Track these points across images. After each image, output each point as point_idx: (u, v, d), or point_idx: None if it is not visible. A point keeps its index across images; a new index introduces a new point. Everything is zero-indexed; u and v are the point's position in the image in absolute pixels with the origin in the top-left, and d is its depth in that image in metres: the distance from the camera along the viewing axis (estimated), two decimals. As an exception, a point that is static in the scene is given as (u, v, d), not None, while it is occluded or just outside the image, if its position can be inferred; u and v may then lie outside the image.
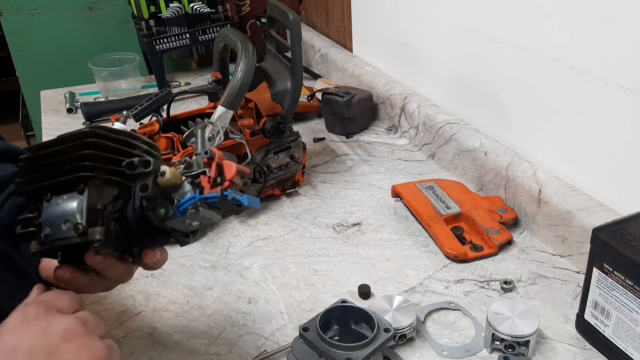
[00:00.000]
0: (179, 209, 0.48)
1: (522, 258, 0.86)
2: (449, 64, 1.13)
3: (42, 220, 0.50)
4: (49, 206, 0.50)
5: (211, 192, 0.48)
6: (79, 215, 0.49)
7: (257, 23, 1.68)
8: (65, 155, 0.49)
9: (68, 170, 0.49)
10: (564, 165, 0.89)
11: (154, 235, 0.51)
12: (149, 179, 0.47)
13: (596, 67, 0.79)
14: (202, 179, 0.48)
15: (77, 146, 0.49)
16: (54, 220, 0.49)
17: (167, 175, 0.48)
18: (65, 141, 0.50)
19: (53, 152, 0.50)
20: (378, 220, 0.97)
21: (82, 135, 0.49)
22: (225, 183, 0.48)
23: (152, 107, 0.96)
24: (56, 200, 0.50)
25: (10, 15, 1.89)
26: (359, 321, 0.69)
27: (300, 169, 1.04)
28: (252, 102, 0.99)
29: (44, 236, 0.49)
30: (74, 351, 0.44)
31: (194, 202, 0.48)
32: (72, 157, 0.49)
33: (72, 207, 0.49)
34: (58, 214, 0.49)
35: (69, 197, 0.49)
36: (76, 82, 1.66)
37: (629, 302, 0.62)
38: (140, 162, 0.47)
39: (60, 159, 0.49)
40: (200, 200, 0.48)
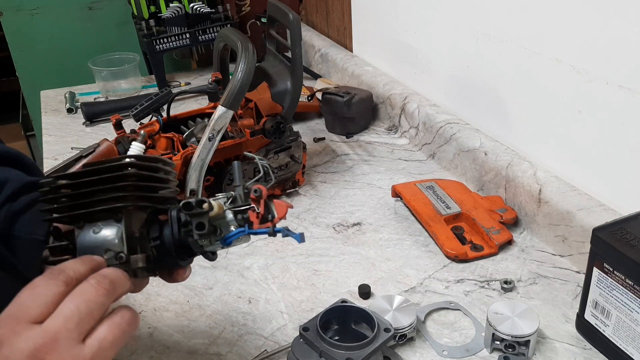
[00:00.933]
0: (225, 240, 0.52)
1: (522, 258, 0.86)
2: (449, 64, 1.13)
3: (78, 248, 0.50)
4: (84, 234, 0.50)
5: (261, 227, 0.52)
6: (119, 242, 0.49)
7: (257, 23, 1.68)
8: (103, 185, 0.50)
9: (106, 200, 0.50)
10: (564, 165, 0.89)
11: (185, 257, 0.54)
12: (205, 217, 0.50)
13: (596, 67, 0.79)
14: (251, 214, 0.52)
15: (116, 178, 0.50)
16: (93, 250, 0.49)
17: (215, 210, 0.51)
18: (102, 172, 0.50)
19: (89, 182, 0.50)
20: (378, 220, 0.97)
21: (121, 167, 0.50)
22: (276, 219, 0.52)
23: (152, 107, 0.95)
24: (92, 228, 0.50)
25: (10, 15, 1.89)
26: (359, 321, 0.69)
27: (300, 169, 1.04)
28: (252, 102, 0.99)
29: None
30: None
31: (243, 234, 0.52)
32: (111, 188, 0.50)
33: (112, 235, 0.50)
34: (99, 242, 0.50)
35: (105, 225, 0.50)
36: (76, 82, 1.66)
37: (629, 302, 0.62)
38: (197, 202, 0.50)
39: (98, 189, 0.50)
40: (250, 234, 0.52)
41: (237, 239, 0.52)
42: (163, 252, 0.51)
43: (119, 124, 0.93)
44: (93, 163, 0.51)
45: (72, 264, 0.46)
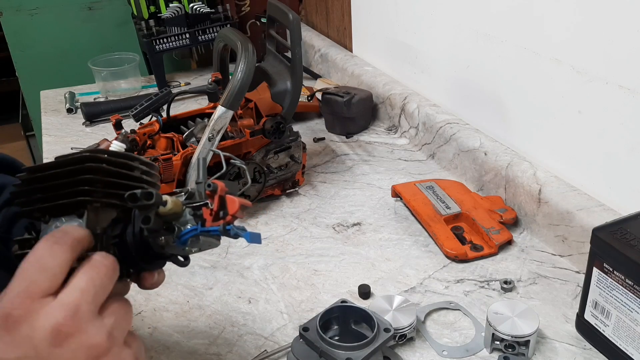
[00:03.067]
0: (180, 239, 0.48)
1: (522, 258, 0.86)
2: (449, 64, 1.13)
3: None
4: (47, 229, 0.49)
5: (213, 225, 0.48)
6: None
7: (257, 23, 1.68)
8: (64, 179, 0.49)
9: (67, 194, 0.48)
10: (564, 165, 0.89)
11: (152, 260, 0.51)
12: (152, 211, 0.47)
13: (596, 67, 0.79)
14: (204, 211, 0.49)
15: (77, 170, 0.48)
16: None
17: (168, 205, 0.48)
18: (64, 165, 0.49)
19: (52, 175, 0.49)
20: (378, 220, 0.97)
21: (82, 160, 0.49)
22: (227, 217, 0.49)
23: (152, 107, 0.96)
24: (54, 222, 0.49)
25: (10, 15, 1.89)
26: (359, 321, 0.69)
27: (300, 169, 1.04)
28: (252, 102, 0.99)
29: None
30: (68, 355, 0.39)
31: (195, 233, 0.48)
32: (71, 182, 0.48)
33: None
34: None
35: (67, 220, 0.49)
36: (76, 82, 1.66)
37: (629, 302, 0.62)
38: (143, 194, 0.47)
39: (59, 183, 0.49)
40: (202, 232, 0.48)
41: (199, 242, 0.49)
42: (125, 252, 0.49)
43: (119, 124, 0.93)
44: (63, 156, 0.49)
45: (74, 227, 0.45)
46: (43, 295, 0.40)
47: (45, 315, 0.39)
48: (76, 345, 0.39)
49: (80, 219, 0.48)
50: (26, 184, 0.50)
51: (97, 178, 0.48)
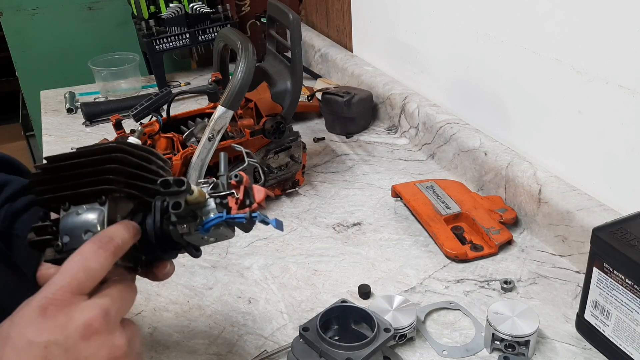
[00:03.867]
0: (203, 227, 0.50)
1: (522, 258, 0.86)
2: (449, 64, 1.13)
3: (60, 229, 0.50)
4: (68, 216, 0.50)
5: (239, 212, 0.50)
6: (99, 225, 0.50)
7: (257, 23, 1.68)
8: (89, 168, 0.50)
9: (92, 183, 0.50)
10: (564, 165, 0.89)
11: (169, 249, 0.53)
12: (182, 197, 0.49)
13: (596, 67, 0.79)
14: (230, 200, 0.51)
15: (103, 160, 0.50)
16: (73, 230, 0.50)
17: (195, 194, 0.50)
18: (90, 154, 0.51)
19: (76, 163, 0.51)
20: (378, 220, 0.97)
21: (109, 150, 0.51)
22: (254, 205, 0.51)
23: (152, 107, 0.96)
24: (75, 210, 0.50)
25: (10, 15, 1.89)
26: (359, 321, 0.69)
27: (300, 169, 1.04)
28: (252, 102, 0.99)
29: (61, 244, 0.50)
30: (93, 349, 0.43)
31: (220, 220, 0.50)
32: (97, 171, 0.50)
33: (94, 218, 0.50)
34: (79, 223, 0.50)
35: (89, 208, 0.50)
36: (76, 82, 1.66)
37: (629, 302, 0.62)
38: (175, 181, 0.49)
39: (84, 171, 0.50)
40: (227, 220, 0.50)
41: (219, 231, 0.51)
42: (144, 241, 0.51)
43: (119, 124, 0.93)
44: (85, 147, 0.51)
45: (117, 229, 0.48)
46: (81, 292, 0.44)
47: (81, 310, 0.43)
48: (102, 342, 0.43)
49: (102, 207, 0.50)
50: (47, 172, 0.51)
51: (121, 168, 0.50)
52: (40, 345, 0.41)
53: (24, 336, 0.41)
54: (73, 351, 0.42)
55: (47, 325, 0.42)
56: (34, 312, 0.42)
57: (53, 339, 0.41)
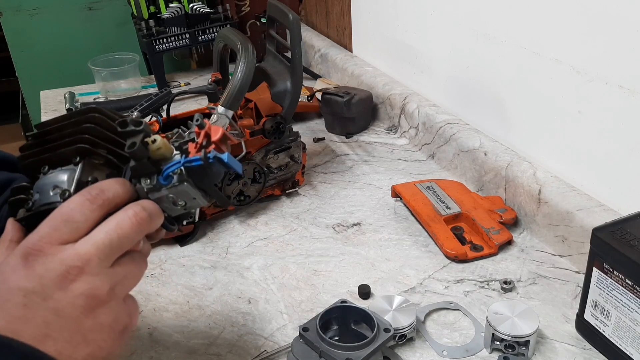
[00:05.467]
0: (162, 175, 0.48)
1: (522, 258, 0.86)
2: (448, 64, 1.13)
3: (34, 188, 0.51)
4: (43, 177, 0.51)
5: (196, 155, 0.48)
6: (68, 183, 0.49)
7: (257, 23, 1.68)
8: (68, 130, 0.51)
9: (68, 143, 0.50)
10: (564, 165, 0.89)
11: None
12: (138, 137, 0.47)
13: (596, 67, 0.79)
14: (190, 146, 0.49)
15: (81, 121, 0.50)
16: (43, 187, 0.50)
17: (157, 143, 0.48)
18: (70, 117, 0.51)
19: (58, 127, 0.51)
20: (378, 220, 0.97)
21: (85, 111, 0.51)
22: (210, 146, 0.48)
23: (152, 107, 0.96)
24: (52, 171, 0.50)
25: (10, 15, 1.89)
26: (359, 321, 0.69)
27: (300, 169, 1.04)
28: (252, 102, 0.99)
29: (31, 203, 0.50)
30: (69, 298, 0.43)
31: (178, 166, 0.48)
32: (75, 131, 0.50)
33: (65, 176, 0.50)
34: (49, 181, 0.50)
35: (64, 169, 0.50)
36: (76, 82, 1.66)
37: (629, 302, 0.62)
38: (132, 120, 0.48)
39: (64, 133, 0.51)
40: (185, 164, 0.47)
41: (183, 188, 0.48)
42: None
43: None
44: (70, 111, 0.51)
45: (109, 183, 0.47)
46: (62, 242, 0.44)
47: (58, 260, 0.43)
48: (78, 292, 0.43)
49: (75, 167, 0.49)
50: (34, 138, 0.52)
51: (97, 129, 0.50)
52: (20, 292, 0.42)
53: (5, 282, 0.42)
54: (51, 300, 0.42)
55: (27, 274, 0.43)
56: (17, 260, 0.43)
57: (31, 288, 0.42)
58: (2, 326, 0.41)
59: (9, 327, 0.41)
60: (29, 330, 0.41)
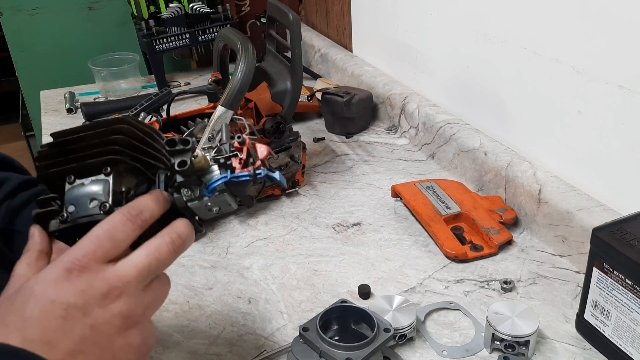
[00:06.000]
0: (208, 188, 0.51)
1: (522, 258, 0.86)
2: (449, 64, 1.13)
3: (65, 199, 0.51)
4: (73, 188, 0.51)
5: (243, 171, 0.51)
6: (104, 195, 0.50)
7: (257, 23, 1.68)
8: (94, 140, 0.51)
9: (97, 154, 0.51)
10: (564, 165, 0.89)
11: (172, 219, 0.53)
12: (188, 155, 0.51)
13: (596, 67, 0.79)
14: (234, 161, 0.52)
15: (108, 132, 0.51)
16: (79, 199, 0.50)
17: (199, 158, 0.51)
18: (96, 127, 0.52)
19: (82, 137, 0.52)
20: (378, 220, 0.97)
21: (114, 122, 0.52)
22: (257, 163, 0.52)
23: (152, 107, 0.96)
24: (81, 182, 0.51)
25: (10, 15, 1.89)
26: (359, 321, 0.69)
27: (300, 169, 1.04)
28: (252, 102, 0.99)
29: (66, 214, 0.50)
30: (107, 316, 0.44)
31: (225, 180, 0.51)
32: (103, 142, 0.51)
33: (99, 187, 0.51)
34: (85, 193, 0.50)
35: (94, 179, 0.51)
36: (76, 82, 1.66)
37: (629, 302, 0.62)
38: (181, 140, 0.51)
39: (90, 144, 0.51)
40: (232, 179, 0.51)
41: (223, 197, 0.52)
42: None
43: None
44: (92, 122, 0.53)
45: (147, 203, 0.49)
46: (105, 260, 0.45)
47: (102, 278, 0.44)
48: (116, 312, 0.44)
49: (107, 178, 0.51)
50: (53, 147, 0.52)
51: (127, 140, 0.51)
52: (61, 305, 0.42)
53: (47, 294, 0.43)
54: (89, 316, 0.43)
55: (70, 288, 0.43)
56: (59, 273, 0.44)
57: (73, 302, 0.43)
58: (40, 337, 0.41)
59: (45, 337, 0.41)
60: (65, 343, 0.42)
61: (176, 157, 0.51)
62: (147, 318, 0.48)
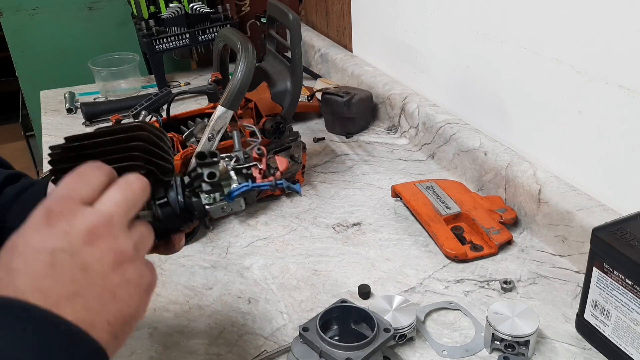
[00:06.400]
0: (230, 196, 0.56)
1: (522, 258, 0.86)
2: (449, 64, 1.13)
3: None
4: None
5: (264, 181, 0.57)
6: None
7: (257, 23, 1.68)
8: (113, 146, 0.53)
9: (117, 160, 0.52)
10: (564, 165, 0.89)
11: (187, 220, 0.57)
12: (216, 168, 0.55)
13: (596, 67, 0.79)
14: (254, 171, 0.57)
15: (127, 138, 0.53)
16: None
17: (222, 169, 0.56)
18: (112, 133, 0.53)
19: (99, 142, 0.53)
20: (378, 220, 0.97)
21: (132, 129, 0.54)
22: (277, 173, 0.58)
23: (152, 107, 0.96)
24: None
25: (10, 15, 1.89)
26: (359, 321, 0.69)
27: (300, 169, 1.04)
28: (252, 102, 0.99)
29: None
30: (98, 254, 0.43)
31: (247, 189, 0.56)
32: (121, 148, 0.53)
33: None
34: None
35: None
36: (76, 82, 1.66)
37: (629, 302, 0.62)
38: (210, 152, 0.55)
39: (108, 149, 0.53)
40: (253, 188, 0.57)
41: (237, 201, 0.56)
42: (167, 213, 0.55)
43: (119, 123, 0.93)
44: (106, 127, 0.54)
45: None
46: (82, 201, 0.44)
47: (82, 217, 0.43)
48: (106, 247, 0.43)
49: None
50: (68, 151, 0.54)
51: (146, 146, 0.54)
52: (46, 251, 0.41)
53: (29, 244, 0.42)
54: (78, 256, 0.42)
55: (51, 232, 0.42)
56: (38, 220, 0.43)
57: (58, 246, 0.42)
58: (30, 286, 0.40)
59: (37, 285, 0.40)
60: (57, 288, 0.40)
61: (204, 169, 0.55)
62: (141, 255, 0.47)
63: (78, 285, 0.41)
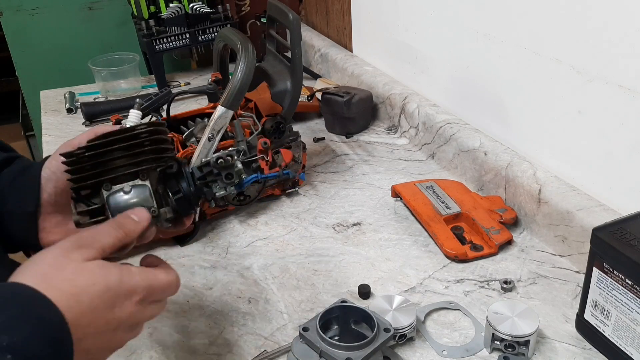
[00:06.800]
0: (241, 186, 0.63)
1: (522, 258, 0.86)
2: (449, 64, 1.13)
3: (111, 208, 0.56)
4: (114, 195, 0.56)
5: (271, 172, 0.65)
6: (150, 199, 0.57)
7: (257, 23, 1.68)
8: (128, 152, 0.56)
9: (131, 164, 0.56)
10: (564, 165, 0.89)
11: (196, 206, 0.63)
12: (233, 169, 0.62)
13: (596, 67, 0.79)
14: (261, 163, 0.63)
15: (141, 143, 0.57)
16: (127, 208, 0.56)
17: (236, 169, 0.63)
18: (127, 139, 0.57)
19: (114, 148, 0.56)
20: (378, 220, 0.97)
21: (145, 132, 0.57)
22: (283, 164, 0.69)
23: (152, 107, 0.96)
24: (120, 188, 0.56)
25: (10, 15, 1.89)
26: (359, 321, 0.69)
27: (300, 169, 1.04)
28: (252, 102, 0.99)
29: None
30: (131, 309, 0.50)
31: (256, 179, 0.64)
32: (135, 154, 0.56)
33: (144, 194, 0.57)
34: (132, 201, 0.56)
35: (132, 185, 0.57)
36: (76, 82, 1.66)
37: (629, 302, 0.62)
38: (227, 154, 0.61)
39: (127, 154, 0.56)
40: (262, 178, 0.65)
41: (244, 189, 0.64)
42: (181, 202, 0.60)
43: (119, 124, 0.93)
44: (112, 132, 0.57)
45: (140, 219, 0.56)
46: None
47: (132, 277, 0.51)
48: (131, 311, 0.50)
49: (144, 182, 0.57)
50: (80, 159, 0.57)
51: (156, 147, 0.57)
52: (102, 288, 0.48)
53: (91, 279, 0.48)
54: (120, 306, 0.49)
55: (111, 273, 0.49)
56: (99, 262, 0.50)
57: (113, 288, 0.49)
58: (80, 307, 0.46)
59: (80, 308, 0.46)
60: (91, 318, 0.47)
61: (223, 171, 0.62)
62: (142, 325, 0.53)
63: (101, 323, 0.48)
